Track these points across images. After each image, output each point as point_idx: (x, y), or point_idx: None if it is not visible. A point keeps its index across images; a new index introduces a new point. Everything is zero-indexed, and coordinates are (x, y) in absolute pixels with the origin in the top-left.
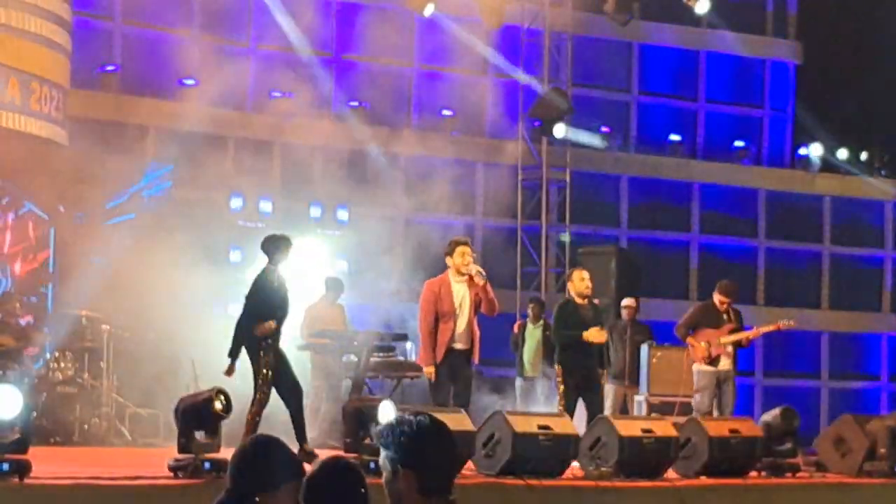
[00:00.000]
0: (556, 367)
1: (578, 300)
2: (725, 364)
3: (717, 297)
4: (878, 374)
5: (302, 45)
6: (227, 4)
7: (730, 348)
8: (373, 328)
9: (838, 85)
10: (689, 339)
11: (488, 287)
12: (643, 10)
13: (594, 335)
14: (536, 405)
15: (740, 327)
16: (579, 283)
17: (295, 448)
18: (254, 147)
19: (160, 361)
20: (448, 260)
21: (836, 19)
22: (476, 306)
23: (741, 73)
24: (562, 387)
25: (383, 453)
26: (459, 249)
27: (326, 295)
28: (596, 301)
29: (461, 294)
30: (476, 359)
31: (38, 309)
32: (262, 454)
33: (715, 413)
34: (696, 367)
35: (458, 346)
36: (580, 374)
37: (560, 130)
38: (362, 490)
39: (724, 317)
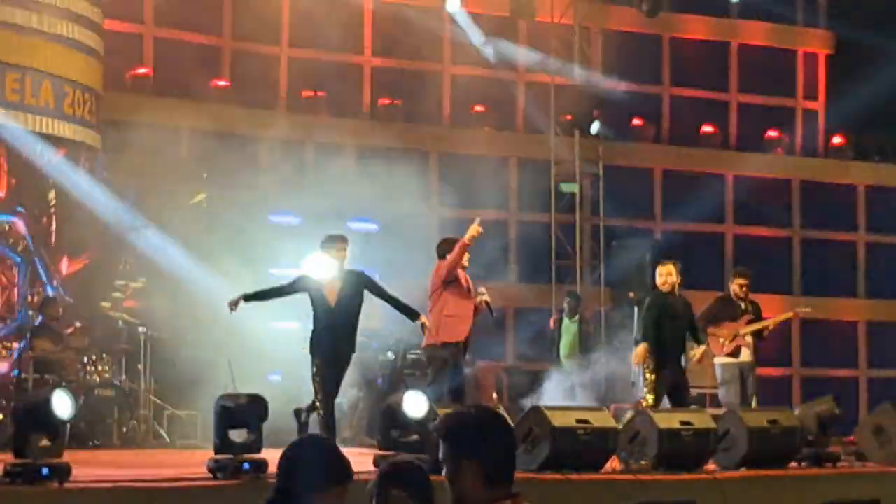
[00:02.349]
0: (648, 357)
1: (669, 294)
2: (746, 355)
3: (735, 284)
4: None
5: None
6: (259, 6)
7: (749, 339)
8: (409, 326)
9: (869, 72)
10: (711, 330)
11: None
12: (673, 2)
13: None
14: (574, 399)
15: (760, 318)
16: (658, 278)
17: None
18: (287, 148)
19: (197, 363)
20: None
21: (867, 7)
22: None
23: (772, 64)
24: (651, 376)
25: (444, 447)
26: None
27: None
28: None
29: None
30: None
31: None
32: (311, 455)
33: None
34: (717, 360)
35: (467, 332)
36: (671, 366)
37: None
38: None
39: (743, 306)
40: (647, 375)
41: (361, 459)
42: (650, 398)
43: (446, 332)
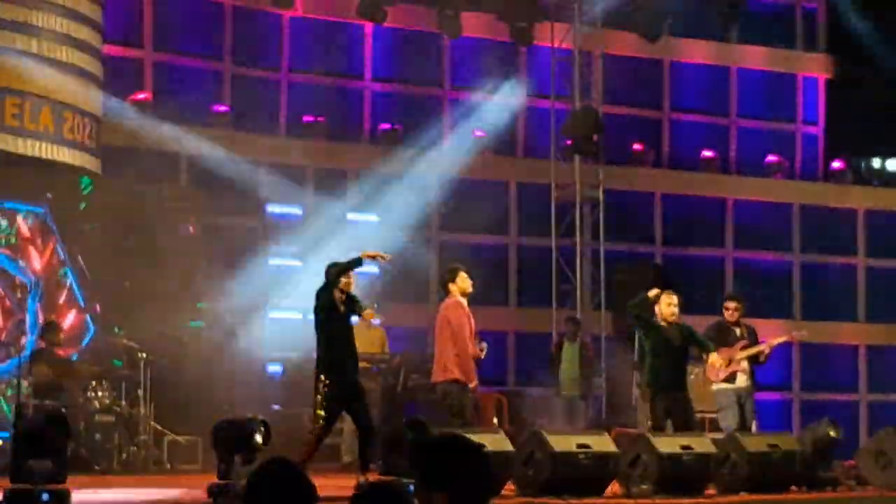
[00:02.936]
0: (643, 386)
1: (664, 323)
2: (742, 380)
3: (726, 308)
4: None
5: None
6: (259, 32)
7: (745, 364)
8: (409, 351)
9: (869, 97)
10: (705, 357)
11: None
12: (673, 27)
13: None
14: (575, 423)
15: (755, 343)
16: (661, 306)
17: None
18: (285, 171)
19: (197, 388)
20: (452, 286)
21: (866, 31)
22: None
23: (772, 88)
24: (648, 405)
25: (417, 476)
26: (461, 275)
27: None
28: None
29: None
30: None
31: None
32: (272, 477)
33: None
34: (714, 386)
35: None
36: (669, 395)
37: None
38: None
39: (738, 332)
40: (644, 402)
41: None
42: (648, 424)
43: (459, 370)
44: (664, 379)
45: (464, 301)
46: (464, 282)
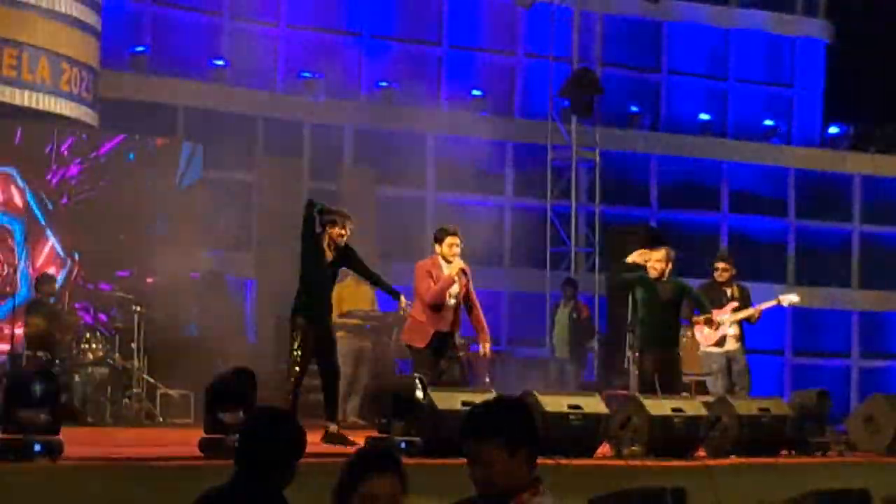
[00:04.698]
0: (631, 348)
1: (654, 278)
2: (731, 343)
3: (714, 268)
4: None
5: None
6: None
7: (735, 328)
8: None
9: (868, 63)
10: (694, 318)
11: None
12: None
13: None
14: (568, 385)
15: (747, 304)
16: (650, 265)
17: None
18: (283, 128)
19: (191, 342)
20: (437, 247)
21: None
22: (464, 297)
23: (771, 52)
24: (638, 369)
25: (497, 439)
26: (448, 239)
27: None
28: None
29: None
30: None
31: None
32: (264, 425)
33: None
34: (703, 349)
35: (442, 328)
36: (658, 352)
37: None
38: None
39: (729, 293)
40: (636, 367)
41: (353, 439)
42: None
43: (408, 334)
44: (653, 335)
45: (444, 264)
46: (448, 247)
